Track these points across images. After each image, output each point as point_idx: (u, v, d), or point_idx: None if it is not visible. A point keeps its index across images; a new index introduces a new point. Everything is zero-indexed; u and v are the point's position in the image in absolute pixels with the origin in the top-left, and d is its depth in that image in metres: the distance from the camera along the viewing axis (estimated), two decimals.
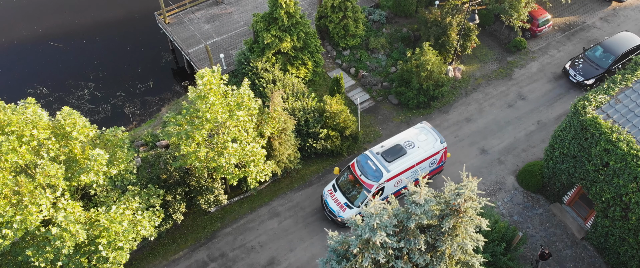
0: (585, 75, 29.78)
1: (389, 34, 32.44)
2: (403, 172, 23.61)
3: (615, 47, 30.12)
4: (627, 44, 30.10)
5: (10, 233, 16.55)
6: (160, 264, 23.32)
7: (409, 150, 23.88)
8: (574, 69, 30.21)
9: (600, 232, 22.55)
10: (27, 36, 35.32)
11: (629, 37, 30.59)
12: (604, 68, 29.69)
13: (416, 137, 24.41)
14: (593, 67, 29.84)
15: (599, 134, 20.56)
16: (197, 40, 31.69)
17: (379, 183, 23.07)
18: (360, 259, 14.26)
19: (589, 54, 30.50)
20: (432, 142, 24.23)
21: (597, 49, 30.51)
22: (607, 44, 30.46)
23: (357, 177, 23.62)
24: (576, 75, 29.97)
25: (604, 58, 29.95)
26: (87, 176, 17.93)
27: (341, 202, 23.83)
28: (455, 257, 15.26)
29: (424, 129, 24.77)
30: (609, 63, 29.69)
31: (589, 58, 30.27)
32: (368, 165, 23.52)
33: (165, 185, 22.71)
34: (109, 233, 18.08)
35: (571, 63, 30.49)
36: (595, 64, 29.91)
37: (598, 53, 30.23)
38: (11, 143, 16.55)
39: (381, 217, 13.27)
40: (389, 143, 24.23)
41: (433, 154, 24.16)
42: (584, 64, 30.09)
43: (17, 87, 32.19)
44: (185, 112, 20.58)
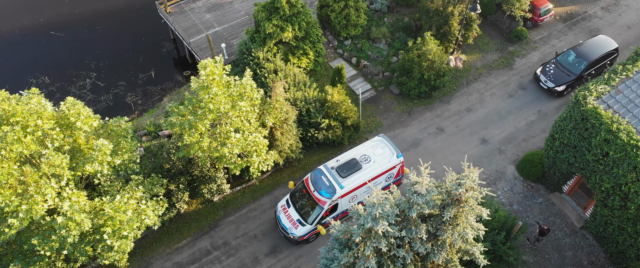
0: (555, 81, 28.73)
1: (391, 24, 32.44)
2: (358, 188, 22.88)
3: (589, 52, 28.98)
4: (601, 49, 29.01)
5: (16, 222, 16.75)
6: (163, 252, 23.59)
7: (365, 165, 23.17)
8: (544, 75, 29.16)
9: (600, 221, 22.77)
10: (28, 26, 35.29)
11: (604, 41, 29.51)
12: (575, 74, 28.60)
13: (373, 150, 23.67)
14: (564, 73, 28.75)
15: (599, 124, 20.70)
16: (198, 30, 31.70)
17: (332, 199, 22.38)
18: (363, 248, 14.47)
19: (561, 59, 29.41)
20: (389, 157, 23.51)
21: (570, 53, 29.37)
22: (580, 49, 29.30)
23: (311, 193, 22.90)
24: (547, 81, 28.93)
25: (577, 63, 28.80)
26: (91, 166, 18.10)
27: (294, 218, 23.14)
28: (456, 245, 15.47)
29: (381, 143, 24.03)
30: (581, 69, 28.58)
31: (560, 63, 29.18)
32: (322, 180, 22.78)
33: (169, 174, 22.88)
34: (114, 222, 18.31)
35: (542, 68, 29.49)
36: (566, 69, 28.83)
37: (570, 58, 29.13)
38: (16, 133, 16.69)
39: (383, 206, 13.45)
40: (345, 157, 23.48)
41: (389, 169, 23.47)
42: (555, 70, 29.03)
43: (19, 77, 32.25)
44: (187, 102, 20.70)
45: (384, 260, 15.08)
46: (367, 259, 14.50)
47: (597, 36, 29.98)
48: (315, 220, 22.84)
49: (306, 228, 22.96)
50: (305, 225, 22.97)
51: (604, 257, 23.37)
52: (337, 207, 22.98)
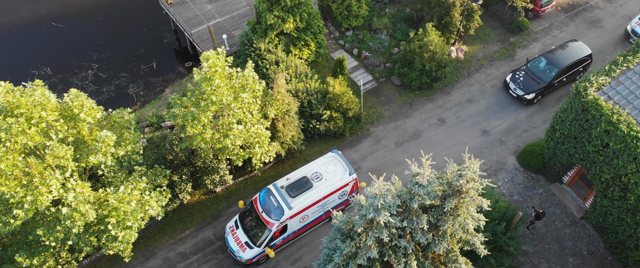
0: (525, 89, 27.94)
1: (392, 14, 32.42)
2: (309, 207, 22.25)
3: (560, 58, 28.21)
4: (573, 56, 28.26)
5: (21, 213, 16.92)
6: (167, 243, 23.81)
7: (316, 183, 22.48)
8: (514, 82, 28.36)
9: (599, 211, 22.95)
10: (29, 17, 35.29)
11: (576, 47, 28.74)
12: (545, 81, 27.82)
13: (325, 168, 23.01)
14: (534, 81, 27.96)
15: (600, 115, 20.79)
16: (199, 21, 31.70)
17: (280, 221, 21.66)
18: (364, 238, 14.65)
19: (531, 65, 28.61)
20: (341, 174, 22.85)
21: (540, 60, 28.59)
22: (552, 55, 28.50)
23: (259, 214, 22.24)
24: (516, 89, 28.15)
25: (548, 70, 28.02)
26: (95, 157, 18.24)
27: (242, 240, 22.33)
28: (457, 235, 15.64)
29: (334, 159, 23.41)
30: (551, 76, 27.81)
31: (530, 70, 28.39)
32: (270, 201, 22.14)
33: (172, 165, 23.03)
34: (118, 212, 18.48)
35: (512, 75, 28.74)
36: (536, 76, 28.04)
37: (541, 65, 28.35)
38: (20, 125, 16.81)
39: (385, 197, 13.59)
40: (295, 175, 22.80)
41: (342, 187, 22.85)
42: (525, 77, 28.23)
43: (21, 68, 32.32)
44: (190, 94, 20.80)
45: (385, 250, 15.26)
46: (369, 249, 14.68)
47: (570, 42, 29.18)
48: (263, 243, 22.10)
49: (254, 252, 22.15)
50: (253, 247, 22.14)
51: (604, 247, 23.56)
52: (286, 228, 22.25)
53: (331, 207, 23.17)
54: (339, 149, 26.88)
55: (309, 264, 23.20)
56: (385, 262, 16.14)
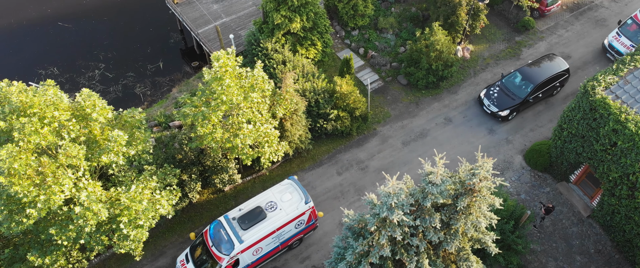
0: (499, 105, 27.23)
1: (398, 14, 32.50)
2: (262, 239, 21.27)
3: (536, 74, 27.51)
4: (549, 71, 27.62)
5: (35, 212, 17.02)
6: (176, 241, 23.92)
7: (270, 213, 21.58)
8: (488, 98, 27.62)
9: (607, 210, 23.04)
10: (35, 17, 35.40)
11: (554, 62, 28.14)
12: (520, 98, 27.13)
13: (280, 196, 22.16)
14: (509, 97, 27.28)
15: (608, 114, 20.88)
16: (206, 21, 31.80)
17: (230, 256, 20.62)
18: (377, 236, 14.74)
19: (506, 80, 27.95)
20: (297, 203, 21.97)
21: (516, 75, 27.91)
22: (527, 70, 27.85)
23: (209, 248, 21.22)
24: (490, 105, 27.45)
25: (523, 86, 27.34)
26: (107, 156, 18.34)
27: None
28: (468, 234, 15.74)
29: (290, 187, 22.55)
30: (527, 92, 27.13)
31: (505, 86, 27.73)
32: (220, 234, 21.13)
33: (180, 164, 23.14)
34: (130, 211, 18.60)
35: (486, 91, 28.00)
36: (511, 92, 27.36)
37: (517, 80, 27.69)
38: (34, 124, 16.92)
39: (399, 196, 13.69)
40: (249, 205, 21.85)
41: (297, 216, 21.95)
42: (499, 93, 27.53)
43: (28, 68, 32.44)
44: (200, 93, 20.90)
45: (397, 249, 15.36)
46: (382, 248, 14.79)
47: (547, 56, 28.65)
48: None
49: None
50: None
51: (611, 245, 23.66)
52: (238, 262, 21.29)
53: (287, 238, 22.41)
54: (346, 149, 27.04)
55: (318, 263, 23.31)
56: (397, 261, 16.25)
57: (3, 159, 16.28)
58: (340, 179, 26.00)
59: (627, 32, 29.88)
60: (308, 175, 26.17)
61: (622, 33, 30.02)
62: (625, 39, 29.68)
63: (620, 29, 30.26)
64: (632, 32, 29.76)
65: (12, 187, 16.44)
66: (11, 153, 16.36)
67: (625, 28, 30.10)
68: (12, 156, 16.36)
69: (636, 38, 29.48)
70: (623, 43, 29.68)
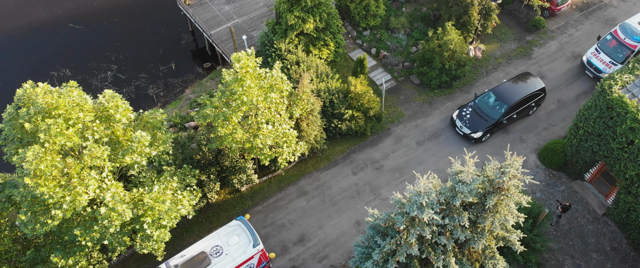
0: (472, 127, 26.37)
1: (409, 14, 32.63)
2: None
3: (510, 94, 26.64)
4: (524, 90, 26.78)
5: (60, 213, 17.10)
6: (194, 242, 23.94)
7: (215, 260, 20.41)
8: (460, 120, 26.76)
9: (622, 207, 23.18)
10: (46, 19, 35.47)
11: (529, 81, 27.34)
12: (494, 119, 26.21)
13: (227, 240, 21.08)
14: (482, 118, 26.37)
15: (625, 112, 21.02)
16: (218, 22, 31.89)
17: None
18: (406, 235, 14.85)
19: (480, 101, 27.03)
20: (245, 246, 20.89)
21: (489, 95, 27.00)
22: (501, 90, 26.93)
23: None
24: (462, 127, 26.60)
25: (497, 107, 26.47)
26: (130, 157, 18.42)
27: None
28: (494, 232, 15.87)
29: (238, 228, 21.50)
30: (500, 113, 26.21)
31: (478, 106, 26.83)
32: None
33: (198, 165, 23.24)
34: (154, 212, 18.69)
35: (458, 112, 27.16)
36: (484, 113, 26.47)
37: (490, 100, 26.80)
38: (59, 126, 16.99)
39: (429, 195, 13.81)
40: (192, 251, 20.78)
41: (246, 260, 20.90)
42: (472, 114, 26.66)
43: (40, 70, 32.51)
44: (220, 94, 20.99)
45: (424, 247, 15.48)
46: (410, 246, 14.89)
47: (523, 75, 27.90)
48: None
49: None
50: None
51: (626, 243, 23.79)
52: None
53: None
54: (360, 148, 27.15)
55: (336, 262, 23.41)
56: (423, 259, 16.36)
57: (29, 161, 16.36)
58: (355, 179, 26.12)
59: (607, 48, 28.73)
60: (323, 175, 26.27)
61: (601, 49, 28.86)
62: (605, 56, 28.57)
63: (599, 44, 29.08)
64: (611, 48, 28.58)
65: (38, 188, 16.52)
66: (37, 154, 16.44)
67: (604, 44, 28.92)
68: (38, 157, 16.44)
69: (616, 54, 28.33)
70: (602, 60, 28.60)
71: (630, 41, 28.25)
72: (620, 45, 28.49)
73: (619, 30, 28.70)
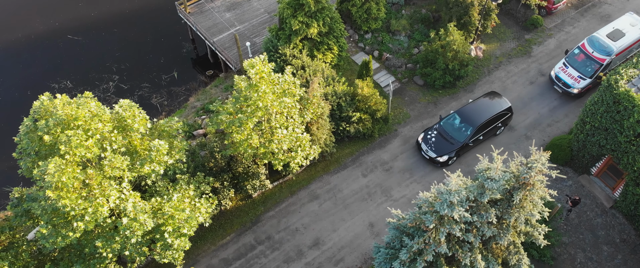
0: (437, 150, 25.60)
1: (409, 16, 32.95)
2: None
3: (476, 115, 25.91)
4: (490, 111, 26.14)
5: (82, 225, 16.98)
6: (209, 250, 23.94)
7: None
8: (425, 143, 25.94)
9: (631, 199, 23.60)
10: (44, 31, 35.17)
11: (494, 100, 26.83)
12: (460, 142, 25.54)
13: None
14: (447, 141, 25.66)
15: (632, 106, 21.46)
16: (220, 29, 31.92)
17: None
18: (435, 234, 15.01)
19: (445, 123, 26.35)
20: None
21: (454, 117, 26.33)
22: (466, 112, 26.26)
23: None
24: (428, 150, 25.82)
25: (463, 128, 25.79)
26: (149, 166, 18.36)
27: None
28: (518, 228, 16.10)
29: None
30: (466, 135, 25.57)
31: (444, 129, 26.11)
32: None
33: (211, 172, 23.21)
34: (174, 221, 18.64)
35: (424, 135, 26.35)
36: (450, 136, 25.75)
37: (456, 122, 26.20)
38: (79, 137, 16.89)
39: (459, 193, 13.99)
40: None
41: None
42: (437, 137, 25.89)
43: (40, 82, 32.21)
44: (234, 100, 21.02)
45: (451, 245, 15.64)
46: (439, 245, 15.05)
47: (489, 94, 27.41)
48: None
49: None
50: None
51: (635, 234, 24.22)
52: None
53: None
54: (369, 150, 27.31)
55: (352, 264, 23.50)
56: (449, 257, 16.53)
57: (51, 173, 16.23)
58: (366, 181, 26.26)
59: (575, 62, 28.40)
60: (334, 178, 26.38)
61: (569, 63, 28.53)
62: (573, 70, 28.27)
63: (567, 59, 28.73)
64: (580, 62, 28.25)
65: (61, 200, 16.39)
66: (59, 166, 16.32)
67: (572, 58, 28.57)
68: (60, 169, 16.32)
69: (584, 68, 28.04)
70: (570, 74, 28.28)
71: (599, 55, 27.80)
72: (588, 59, 28.06)
73: (587, 44, 28.26)
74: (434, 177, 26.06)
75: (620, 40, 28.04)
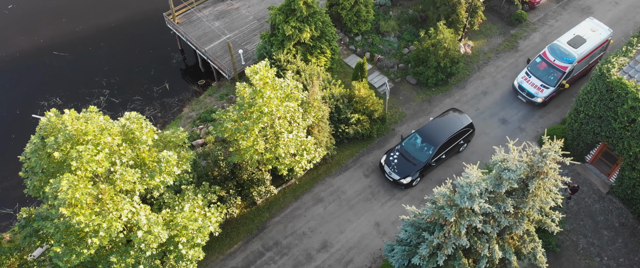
0: (400, 172, 25.01)
1: (397, 17, 33.38)
2: None
3: (436, 135, 25.38)
4: (451, 129, 25.67)
5: (97, 241, 16.76)
6: (217, 259, 23.80)
7: None
8: (388, 165, 25.31)
9: (627, 184, 24.29)
10: (28, 48, 34.53)
11: (455, 117, 26.36)
12: (422, 162, 24.97)
13: None
14: (410, 162, 25.04)
15: (625, 93, 22.14)
16: (210, 38, 31.83)
17: None
18: (455, 227, 15.25)
19: (407, 144, 25.75)
20: None
21: (415, 137, 25.77)
22: (427, 131, 25.68)
23: None
24: (391, 172, 25.20)
25: (425, 148, 25.25)
26: (160, 177, 18.21)
27: None
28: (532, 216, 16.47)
29: None
30: (428, 154, 25.00)
31: (405, 150, 25.51)
32: None
33: (215, 181, 23.12)
34: (188, 231, 18.52)
35: (386, 157, 25.72)
36: (412, 157, 25.16)
37: (417, 142, 25.62)
38: (90, 152, 16.68)
39: (479, 185, 14.27)
40: None
41: None
42: (399, 158, 25.29)
43: (29, 101, 31.60)
44: (238, 107, 21.02)
45: (470, 237, 15.92)
46: (459, 237, 15.30)
47: (449, 111, 27.10)
48: None
49: None
50: None
51: (632, 217, 24.92)
52: None
53: None
54: (368, 151, 27.52)
55: (361, 264, 23.63)
56: (466, 250, 16.80)
57: (64, 190, 15.98)
58: (368, 181, 26.46)
59: (537, 70, 28.39)
60: (336, 180, 26.51)
61: (532, 72, 28.50)
62: (535, 79, 28.23)
63: (529, 68, 28.71)
64: (542, 70, 28.22)
65: (74, 217, 16.15)
66: (72, 183, 16.09)
67: (534, 67, 28.52)
68: (73, 186, 16.09)
69: (547, 77, 27.99)
70: (533, 83, 28.21)
71: (560, 62, 27.71)
72: (550, 67, 27.99)
73: (548, 52, 28.18)
74: (434, 175, 26.44)
75: (581, 46, 27.81)
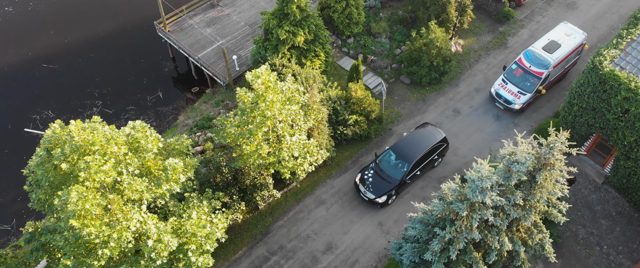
0: (375, 191, 24.53)
1: (387, 18, 33.71)
2: None
3: (410, 151, 24.89)
4: (425, 144, 25.15)
5: (108, 252, 16.62)
6: (222, 266, 23.72)
7: None
8: (363, 184, 24.77)
9: (622, 173, 24.85)
10: (17, 61, 34.06)
11: (428, 132, 25.87)
12: (397, 180, 24.46)
13: None
14: (385, 180, 24.55)
15: (618, 84, 22.68)
16: (203, 45, 31.76)
17: None
18: (467, 221, 15.47)
19: (381, 161, 25.33)
20: None
21: (389, 154, 25.29)
22: (400, 147, 25.20)
23: None
24: (366, 192, 24.68)
25: (399, 165, 24.75)
26: (166, 185, 18.15)
27: None
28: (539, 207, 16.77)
29: None
30: (403, 172, 24.50)
31: (380, 168, 25.04)
32: None
33: (218, 187, 23.06)
34: (197, 238, 18.47)
35: (361, 176, 25.20)
36: (386, 175, 24.68)
37: (392, 158, 25.12)
38: (97, 162, 16.56)
39: (490, 178, 14.51)
40: None
41: None
42: (374, 176, 24.79)
43: (20, 114, 31.16)
44: (240, 112, 21.04)
45: (481, 230, 16.15)
46: (471, 231, 15.52)
47: (422, 126, 26.62)
48: None
49: None
50: None
51: (628, 206, 25.48)
52: None
53: None
54: (367, 151, 27.68)
55: (367, 264, 23.76)
56: (476, 243, 17.03)
57: (74, 201, 15.84)
58: None
59: (513, 77, 28.34)
60: (337, 182, 26.63)
61: (508, 79, 28.42)
62: (512, 86, 28.15)
63: (506, 75, 28.63)
64: (518, 77, 28.18)
65: (85, 228, 16.01)
66: (81, 194, 15.96)
67: (510, 73, 28.48)
68: (82, 197, 15.97)
69: (523, 83, 27.92)
70: (510, 90, 28.13)
71: (536, 69, 27.70)
72: (526, 73, 27.95)
73: (524, 58, 28.17)
74: (434, 173, 26.72)
75: (556, 51, 27.79)
